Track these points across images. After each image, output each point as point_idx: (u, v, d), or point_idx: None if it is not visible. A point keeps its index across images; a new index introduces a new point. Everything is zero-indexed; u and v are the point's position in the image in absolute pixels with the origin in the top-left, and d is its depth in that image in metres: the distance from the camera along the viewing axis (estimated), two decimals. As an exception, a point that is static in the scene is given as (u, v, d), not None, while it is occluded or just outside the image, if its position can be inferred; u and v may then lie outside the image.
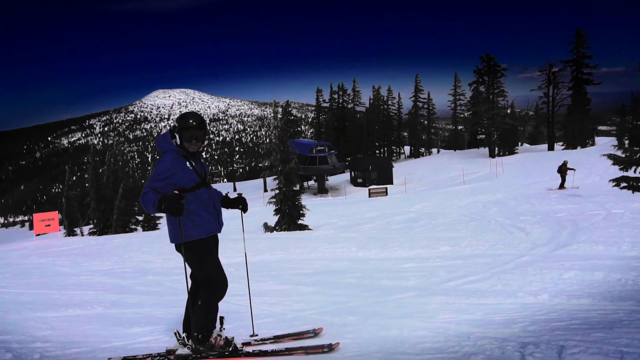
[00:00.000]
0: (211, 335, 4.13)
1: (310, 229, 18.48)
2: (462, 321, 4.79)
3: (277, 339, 4.55)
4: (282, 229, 19.03)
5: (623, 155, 23.18)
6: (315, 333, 4.60)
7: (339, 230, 16.43)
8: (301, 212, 19.59)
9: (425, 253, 9.61)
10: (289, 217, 19.15)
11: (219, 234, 4.26)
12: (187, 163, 3.97)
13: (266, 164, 67.08)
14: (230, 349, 4.13)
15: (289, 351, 4.14)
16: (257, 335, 4.79)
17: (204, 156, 4.41)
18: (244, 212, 4.58)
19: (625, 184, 23.46)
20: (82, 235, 34.20)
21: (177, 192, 3.72)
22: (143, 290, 7.86)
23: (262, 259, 10.52)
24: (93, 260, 13.12)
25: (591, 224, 11.60)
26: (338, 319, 5.27)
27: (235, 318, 5.30)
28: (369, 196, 39.93)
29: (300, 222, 19.34)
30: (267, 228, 19.56)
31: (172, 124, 4.08)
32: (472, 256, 8.67)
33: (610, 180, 23.57)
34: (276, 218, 19.78)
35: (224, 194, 4.49)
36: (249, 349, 4.30)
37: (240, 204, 4.47)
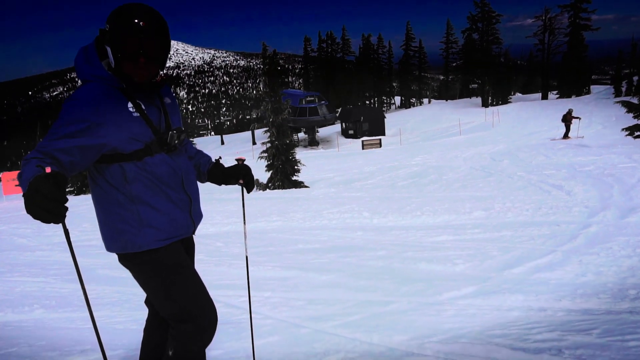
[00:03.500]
0: None
1: (306, 186, 16.74)
2: (573, 345, 3.13)
3: None
4: (276, 186, 17.28)
5: (638, 103, 21.69)
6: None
7: (340, 188, 14.71)
8: (296, 167, 17.84)
9: (456, 220, 7.91)
10: (283, 173, 17.39)
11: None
12: (130, 104, 2.10)
13: (254, 116, 64.77)
14: None
15: None
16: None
17: (174, 94, 2.51)
18: (248, 191, 2.70)
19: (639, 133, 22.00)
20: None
21: (50, 170, 1.70)
22: (107, 277, 6.05)
23: (257, 227, 8.76)
24: (59, 227, 11.27)
25: (638, 180, 9.98)
26: (377, 337, 3.57)
27: (224, 334, 3.58)
28: (363, 148, 38.23)
29: (294, 178, 17.58)
30: (259, 186, 17.76)
31: (103, 27, 2.13)
32: (519, 225, 6.99)
33: (623, 129, 22.22)
34: (268, 174, 17.98)
35: (213, 160, 2.67)
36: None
37: (241, 177, 2.62)
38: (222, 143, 62.97)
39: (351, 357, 3.28)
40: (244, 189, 2.69)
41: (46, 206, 1.61)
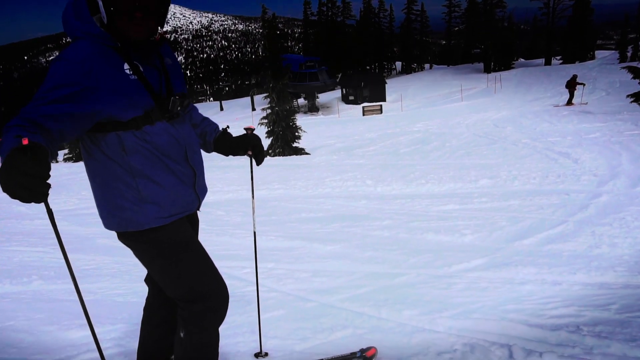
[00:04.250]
0: None
1: (307, 153, 16.53)
2: (591, 322, 3.01)
3: None
4: (277, 153, 17.05)
5: (645, 69, 21.27)
6: (365, 357, 2.76)
7: (341, 155, 14.52)
8: (296, 133, 17.57)
9: (462, 188, 7.76)
10: (283, 140, 17.14)
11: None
12: (126, 66, 1.86)
13: (253, 82, 63.96)
14: None
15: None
16: (266, 354, 2.97)
17: (176, 56, 2.22)
18: (258, 163, 2.47)
19: (645, 99, 21.66)
20: (56, 161, 31.74)
21: (28, 141, 1.44)
22: (106, 247, 5.94)
23: (258, 195, 8.60)
24: (59, 195, 11.16)
25: (646, 148, 9.79)
26: (386, 311, 3.45)
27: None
28: (363, 114, 37.77)
29: (295, 145, 17.34)
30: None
31: None
32: (527, 194, 6.83)
33: (628, 96, 21.85)
34: (269, 141, 17.74)
35: (220, 129, 2.43)
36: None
37: (250, 148, 2.41)
38: (221, 109, 62.31)
39: (360, 333, 3.16)
40: (253, 161, 2.50)
41: (24, 183, 1.38)
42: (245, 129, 2.45)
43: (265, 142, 18.20)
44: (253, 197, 2.89)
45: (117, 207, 1.97)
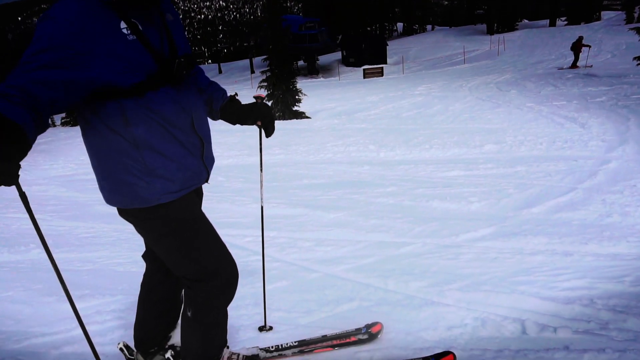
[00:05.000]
0: (221, 358, 2.24)
1: (308, 117, 16.30)
2: (605, 294, 2.93)
3: (303, 345, 2.64)
4: (277, 117, 16.79)
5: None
6: (370, 334, 2.68)
7: (343, 119, 14.30)
8: (297, 97, 17.27)
9: (467, 154, 7.61)
10: (284, 103, 16.86)
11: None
12: (122, 24, 1.64)
13: (252, 43, 62.83)
14: None
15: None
16: (270, 328, 2.90)
17: (177, 12, 1.98)
18: (267, 135, 2.30)
19: (651, 62, 21.25)
20: (54, 125, 31.35)
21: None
22: (105, 214, 5.81)
23: (258, 160, 8.46)
24: (56, 160, 11.02)
25: (654, 112, 9.60)
26: (392, 283, 3.36)
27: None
28: (364, 77, 37.22)
29: (295, 108, 17.08)
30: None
31: None
32: (533, 160, 6.69)
33: (634, 58, 21.43)
34: (269, 104, 17.47)
35: (228, 94, 2.24)
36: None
37: (260, 118, 2.23)
38: (220, 72, 61.41)
39: (366, 306, 3.08)
40: (262, 132, 2.34)
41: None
42: (255, 97, 2.28)
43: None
44: (262, 170, 2.76)
45: (121, 182, 1.81)
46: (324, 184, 6.48)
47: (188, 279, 2.00)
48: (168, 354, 2.25)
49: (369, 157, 8.05)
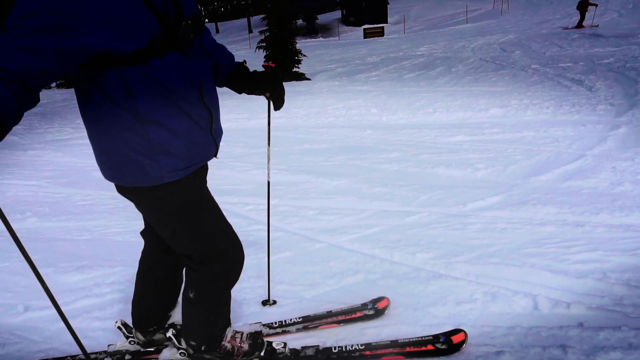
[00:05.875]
0: (224, 338, 2.13)
1: (308, 79, 16.00)
2: (618, 268, 2.84)
3: (307, 322, 2.56)
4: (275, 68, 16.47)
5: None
6: (376, 309, 2.60)
7: (343, 81, 14.02)
8: (296, 57, 16.89)
9: (471, 117, 7.43)
10: (283, 64, 16.49)
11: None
12: None
13: (250, 2, 61.39)
14: (263, 353, 2.19)
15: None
16: (274, 302, 2.82)
17: None
18: (276, 108, 2.16)
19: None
20: (49, 87, 30.79)
21: None
22: (102, 180, 5.68)
23: (258, 124, 8.28)
24: (52, 123, 10.80)
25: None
26: (398, 254, 3.28)
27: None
28: (364, 37, 36.50)
29: (295, 70, 16.74)
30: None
31: None
32: (540, 124, 6.53)
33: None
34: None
35: (235, 61, 2.06)
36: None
37: (268, 89, 2.08)
38: (217, 31, 60.17)
39: (372, 279, 3.00)
40: (271, 104, 2.18)
41: None
42: (264, 66, 2.11)
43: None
44: (269, 144, 2.63)
45: (122, 159, 1.66)
46: (325, 149, 6.34)
47: (193, 260, 1.89)
48: (169, 333, 2.17)
49: (371, 121, 7.88)
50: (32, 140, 8.79)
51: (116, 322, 2.33)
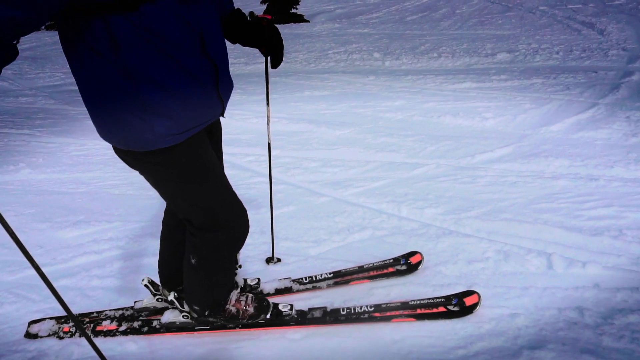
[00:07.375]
0: (228, 302, 2.04)
1: (306, 20, 15.47)
2: (634, 224, 2.74)
3: (338, 277, 2.48)
4: (273, 20, 15.92)
5: None
6: (409, 264, 2.51)
7: (343, 24, 13.55)
8: (294, -2, 16.30)
9: (478, 63, 7.18)
10: (280, 5, 15.90)
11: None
12: None
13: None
14: (269, 315, 2.11)
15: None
16: (279, 259, 2.73)
17: None
18: (273, 66, 1.92)
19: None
20: (38, 29, 29.78)
21: None
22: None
23: (256, 69, 8.02)
24: (42, 68, 10.49)
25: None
26: (406, 209, 3.17)
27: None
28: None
29: (293, 11, 16.17)
30: (254, 19, 16.39)
31: None
32: (550, 70, 6.30)
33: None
34: (264, 7, 16.50)
35: (231, 6, 1.83)
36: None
37: (264, 44, 1.85)
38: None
39: (380, 236, 2.90)
40: (269, 62, 1.96)
41: None
42: (260, 17, 1.90)
43: (261, 8, 16.94)
44: (268, 104, 2.44)
45: (113, 119, 1.48)
46: (327, 96, 6.13)
47: (193, 226, 1.77)
48: (171, 296, 2.08)
49: (373, 66, 7.61)
50: (23, 87, 8.53)
51: (143, 279, 2.23)
